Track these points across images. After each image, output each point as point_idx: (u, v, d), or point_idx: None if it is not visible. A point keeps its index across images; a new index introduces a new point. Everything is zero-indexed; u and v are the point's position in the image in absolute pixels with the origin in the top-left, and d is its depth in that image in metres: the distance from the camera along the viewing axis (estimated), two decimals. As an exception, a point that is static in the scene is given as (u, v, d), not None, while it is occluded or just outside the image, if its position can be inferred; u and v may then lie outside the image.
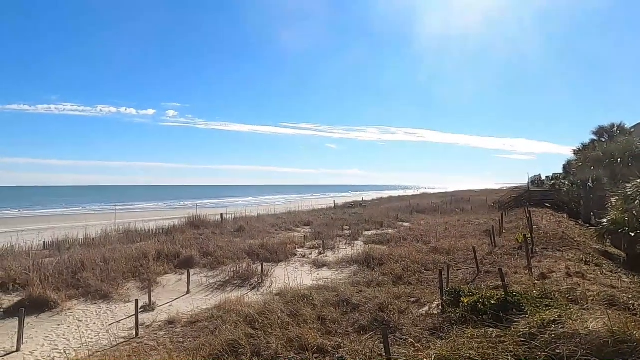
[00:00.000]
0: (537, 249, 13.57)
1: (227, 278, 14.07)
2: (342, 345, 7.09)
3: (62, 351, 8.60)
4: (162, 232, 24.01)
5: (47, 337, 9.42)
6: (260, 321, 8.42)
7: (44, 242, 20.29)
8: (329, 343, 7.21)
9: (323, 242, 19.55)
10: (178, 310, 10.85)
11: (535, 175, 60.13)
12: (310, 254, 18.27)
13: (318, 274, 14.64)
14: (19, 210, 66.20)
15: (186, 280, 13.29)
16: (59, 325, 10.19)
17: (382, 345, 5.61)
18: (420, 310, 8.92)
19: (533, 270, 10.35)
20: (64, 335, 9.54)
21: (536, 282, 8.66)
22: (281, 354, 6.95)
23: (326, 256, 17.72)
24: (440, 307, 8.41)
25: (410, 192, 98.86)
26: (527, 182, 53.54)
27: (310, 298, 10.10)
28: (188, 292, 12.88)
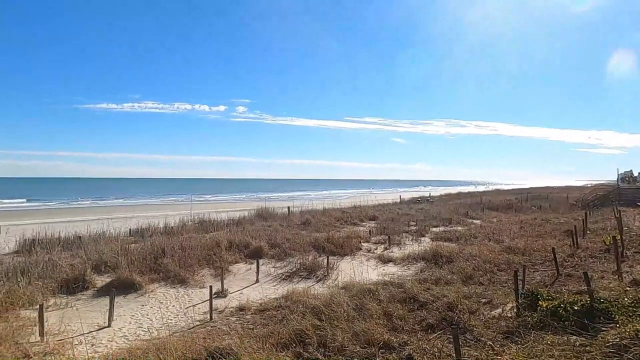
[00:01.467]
0: (628, 252, 12.33)
1: (294, 269, 14.43)
2: (409, 342, 6.97)
3: (146, 329, 9.38)
4: (233, 222, 25.18)
5: (133, 315, 10.32)
6: (327, 313, 8.52)
7: (130, 229, 22.18)
8: (395, 339, 7.13)
9: (389, 237, 19.32)
10: (248, 298, 11.35)
11: (626, 172, 54.63)
12: (376, 248, 18.15)
13: (384, 269, 14.51)
14: (113, 200, 73.06)
15: (255, 269, 13.85)
16: (143, 305, 11.11)
17: (451, 345, 5.43)
18: (493, 312, 8.49)
19: (624, 275, 9.42)
20: (147, 315, 10.39)
21: (627, 288, 7.87)
22: (347, 347, 6.99)
23: (392, 252, 17.50)
24: (515, 310, 7.94)
25: (481, 188, 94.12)
26: (616, 179, 48.71)
27: (376, 293, 10.04)
28: (257, 281, 13.41)
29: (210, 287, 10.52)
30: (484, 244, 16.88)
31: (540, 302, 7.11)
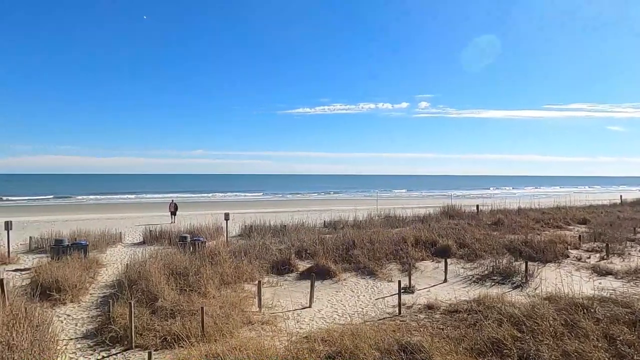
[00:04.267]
0: None
1: (486, 272, 13.45)
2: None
3: (341, 314, 10.17)
4: (418, 219, 25.08)
5: (329, 300, 11.32)
6: (528, 325, 7.66)
7: (324, 221, 24.43)
8: (622, 369, 5.90)
9: (607, 245, 16.11)
10: (437, 297, 11.11)
11: None
12: (588, 257, 15.38)
13: (600, 283, 12.19)
14: (310, 194, 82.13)
15: (443, 268, 13.45)
16: (337, 292, 12.08)
17: None
18: None
19: None
20: (341, 301, 11.25)
21: None
22: (555, 366, 6.13)
23: (611, 262, 14.56)
24: None
25: None
26: None
27: (592, 310, 8.49)
28: (445, 280, 13.00)
29: (399, 281, 10.69)
30: None
31: None
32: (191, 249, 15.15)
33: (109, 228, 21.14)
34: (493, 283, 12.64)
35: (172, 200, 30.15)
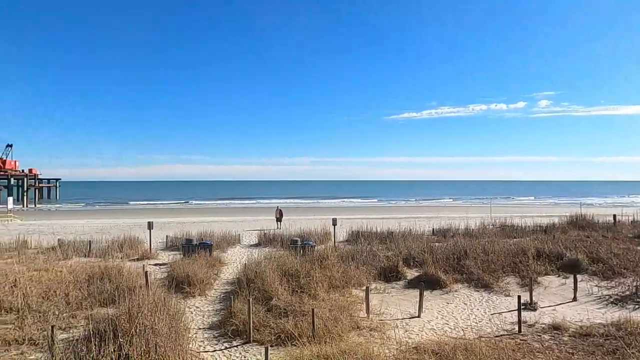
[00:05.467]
0: None
1: (627, 293, 11.64)
2: None
3: (452, 327, 9.69)
4: (540, 229, 22.75)
5: (439, 311, 10.87)
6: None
7: (433, 229, 23.56)
8: None
9: None
10: (564, 317, 9.94)
11: None
12: None
13: None
14: (417, 200, 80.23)
15: (571, 285, 11.97)
16: (447, 303, 11.55)
17: None
18: None
19: None
20: (452, 313, 10.72)
21: None
22: None
23: None
24: None
25: None
26: None
27: None
28: (574, 299, 11.56)
29: (519, 297, 9.80)
30: None
31: None
32: (301, 252, 15.83)
33: (229, 230, 23.19)
34: (637, 305, 10.88)
35: (278, 207, 31.54)
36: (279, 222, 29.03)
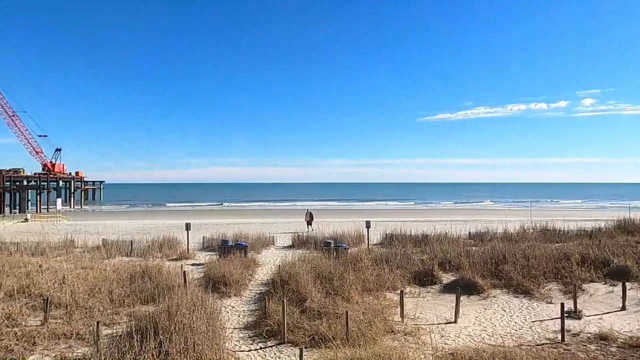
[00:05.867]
0: None
1: (684, 303, 10.92)
2: None
3: (490, 334, 9.40)
4: (584, 234, 21.71)
5: (476, 317, 10.57)
6: None
7: (469, 232, 22.97)
8: None
9: None
10: (612, 326, 9.43)
11: None
12: None
13: None
14: (452, 202, 78.57)
15: (620, 293, 11.34)
16: (485, 309, 11.21)
17: None
18: None
19: None
20: (490, 319, 10.40)
21: None
22: None
23: None
24: None
25: None
26: None
27: None
28: (623, 308, 10.94)
29: (562, 304, 9.38)
30: None
31: None
32: (335, 254, 15.83)
33: (263, 232, 23.51)
34: (694, 317, 10.18)
35: (308, 210, 31.08)
36: (309, 226, 28.39)
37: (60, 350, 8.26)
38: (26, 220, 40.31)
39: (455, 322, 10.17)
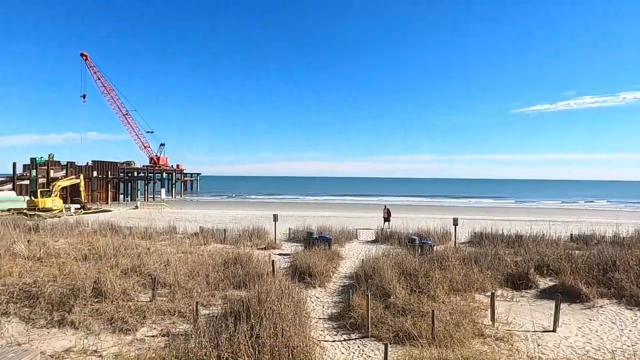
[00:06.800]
0: None
1: None
2: None
3: (596, 347, 8.48)
4: None
5: (579, 327, 9.60)
6: None
7: (571, 234, 20.89)
8: None
9: None
10: None
11: None
12: None
13: None
14: (555, 201, 72.12)
15: None
16: (590, 319, 10.14)
17: None
18: None
19: None
20: (596, 331, 9.39)
21: None
22: None
23: None
24: None
25: None
26: None
27: None
28: None
29: (688, 321, 8.17)
30: None
31: None
32: (419, 251, 15.43)
33: (346, 225, 23.74)
34: None
35: (385, 206, 29.84)
36: (387, 222, 26.89)
37: (165, 325, 9.17)
38: (137, 207, 45.55)
39: (554, 330, 9.35)
